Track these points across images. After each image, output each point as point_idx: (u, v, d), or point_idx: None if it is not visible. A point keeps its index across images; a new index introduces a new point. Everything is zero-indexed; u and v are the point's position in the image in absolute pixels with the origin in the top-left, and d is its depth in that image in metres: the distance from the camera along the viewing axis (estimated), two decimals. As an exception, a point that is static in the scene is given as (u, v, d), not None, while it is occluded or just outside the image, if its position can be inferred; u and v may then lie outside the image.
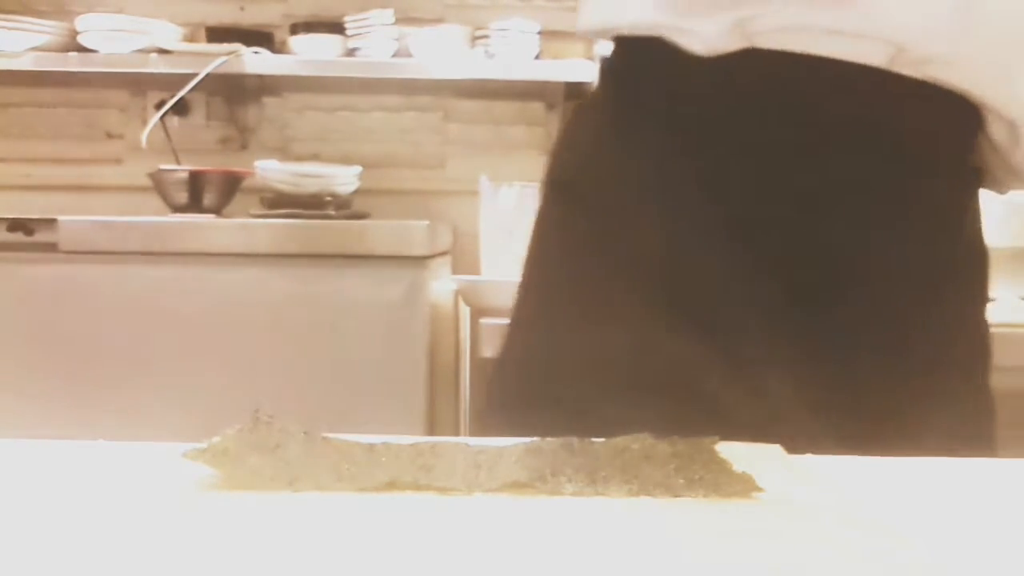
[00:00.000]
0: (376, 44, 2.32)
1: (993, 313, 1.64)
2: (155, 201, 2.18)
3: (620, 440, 0.49)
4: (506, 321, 0.74)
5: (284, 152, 2.50)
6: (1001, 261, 1.79)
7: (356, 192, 2.30)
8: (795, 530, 0.35)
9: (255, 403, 0.49)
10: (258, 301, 1.91)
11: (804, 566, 0.31)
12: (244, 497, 0.40)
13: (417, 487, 0.41)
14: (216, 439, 0.46)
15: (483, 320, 1.68)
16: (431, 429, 1.97)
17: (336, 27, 2.34)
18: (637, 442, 0.49)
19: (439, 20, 2.48)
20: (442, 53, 2.31)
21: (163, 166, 2.18)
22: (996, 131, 0.69)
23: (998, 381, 1.61)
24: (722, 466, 0.45)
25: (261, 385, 1.89)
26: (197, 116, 2.46)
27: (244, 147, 2.51)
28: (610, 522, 0.36)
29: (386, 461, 0.45)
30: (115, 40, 2.21)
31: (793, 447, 0.50)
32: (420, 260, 1.96)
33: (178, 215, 2.13)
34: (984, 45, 0.65)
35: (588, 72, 2.24)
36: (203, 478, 0.43)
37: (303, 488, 0.41)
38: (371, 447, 0.49)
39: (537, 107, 2.54)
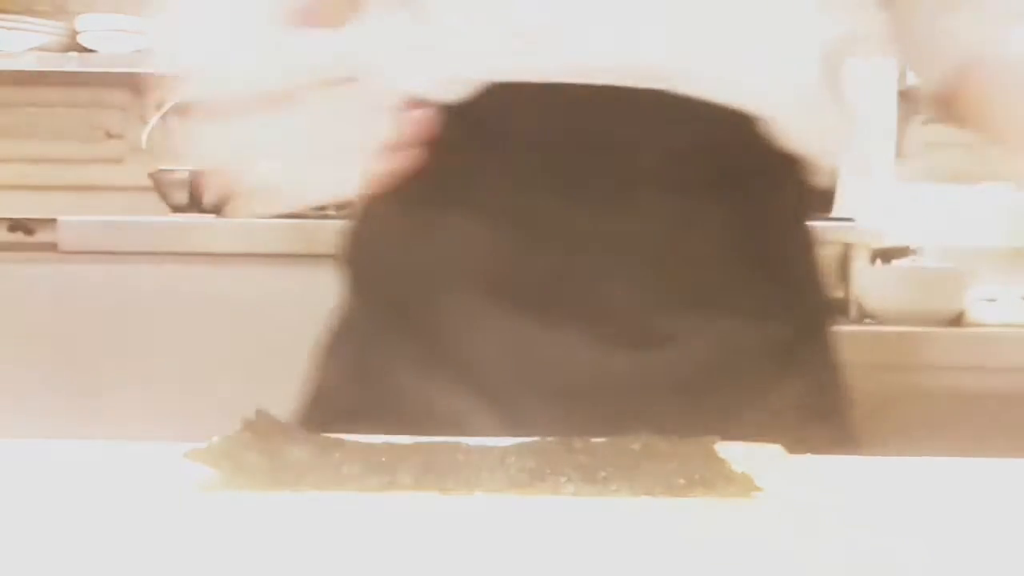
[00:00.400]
0: (376, 44, 2.32)
1: (993, 313, 1.64)
2: (155, 201, 2.18)
3: (620, 440, 0.49)
4: None
5: (284, 152, 2.50)
6: (1001, 261, 1.80)
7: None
8: (795, 530, 0.35)
9: (255, 403, 0.49)
10: (258, 301, 1.90)
11: (804, 566, 0.31)
12: (244, 497, 0.40)
13: (417, 487, 0.41)
14: (216, 439, 0.46)
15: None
16: (431, 429, 1.97)
17: (336, 27, 2.34)
18: (637, 442, 0.49)
19: (439, 20, 2.47)
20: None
21: (163, 166, 2.17)
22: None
23: (999, 381, 1.61)
24: (722, 466, 0.45)
25: (261, 385, 1.88)
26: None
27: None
28: (610, 522, 0.36)
29: (386, 461, 0.45)
30: (115, 40, 2.21)
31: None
32: (420, 260, 1.96)
33: (178, 215, 2.13)
34: (677, 46, 0.64)
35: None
36: (203, 478, 0.43)
37: (303, 488, 0.41)
38: (371, 447, 0.49)
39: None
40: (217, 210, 2.19)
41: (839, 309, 1.81)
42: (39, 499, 0.38)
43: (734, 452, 0.51)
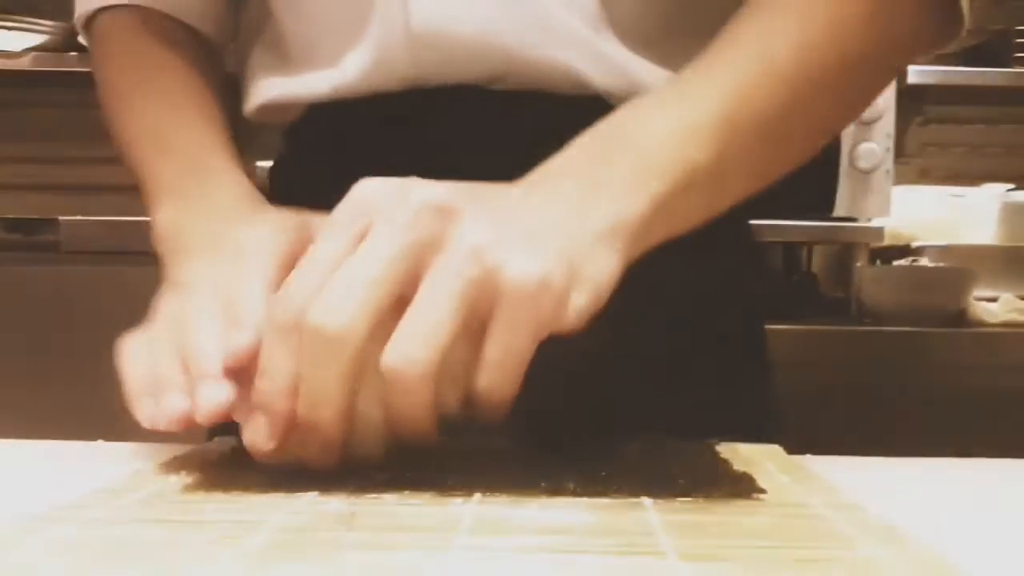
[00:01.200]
0: (376, 44, 2.32)
1: (993, 313, 1.63)
2: (155, 201, 2.17)
3: (621, 439, 0.49)
4: None
5: (284, 152, 2.50)
6: (1001, 261, 1.80)
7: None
8: (795, 530, 0.35)
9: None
10: (258, 301, 1.90)
11: (805, 566, 0.31)
12: (243, 498, 0.40)
13: (417, 486, 0.41)
14: (217, 440, 0.46)
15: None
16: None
17: (336, 27, 2.33)
18: (638, 442, 0.49)
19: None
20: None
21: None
22: None
23: (999, 380, 1.61)
24: (724, 466, 0.46)
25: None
26: (197, 116, 2.46)
27: (244, 147, 2.51)
28: (610, 521, 0.36)
29: (386, 461, 0.45)
30: (115, 40, 2.21)
31: None
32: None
33: (178, 215, 2.12)
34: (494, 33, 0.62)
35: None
36: (202, 478, 0.43)
37: (304, 488, 0.41)
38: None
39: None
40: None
41: (839, 309, 1.81)
42: (39, 499, 0.38)
43: (734, 452, 0.51)
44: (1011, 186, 1.87)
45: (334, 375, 0.40)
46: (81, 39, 0.75)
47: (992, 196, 1.83)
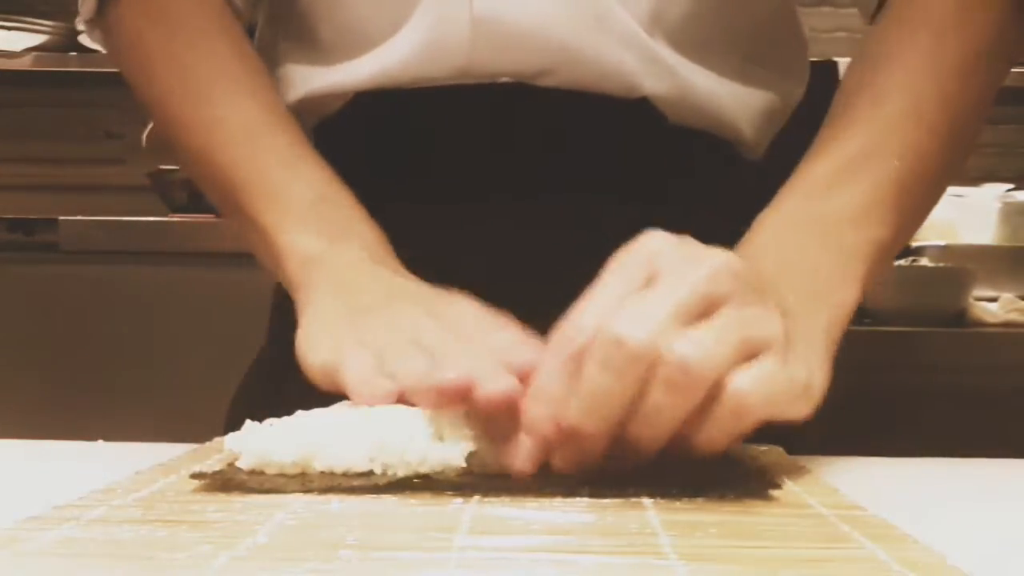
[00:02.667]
0: (376, 44, 2.31)
1: (993, 313, 1.63)
2: (155, 201, 2.18)
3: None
4: None
5: (284, 152, 2.49)
6: (1001, 261, 1.79)
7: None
8: (795, 530, 0.35)
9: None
10: (258, 301, 1.90)
11: (805, 566, 0.31)
12: (243, 498, 0.40)
13: (427, 489, 0.41)
14: (216, 440, 0.46)
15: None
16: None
17: (336, 27, 2.33)
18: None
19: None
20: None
21: (163, 166, 2.17)
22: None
23: (999, 381, 1.61)
24: (737, 466, 0.45)
25: (261, 385, 1.88)
26: (197, 116, 2.45)
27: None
28: (611, 521, 0.36)
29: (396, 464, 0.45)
30: (115, 40, 2.20)
31: None
32: (420, 260, 1.95)
33: (178, 215, 2.13)
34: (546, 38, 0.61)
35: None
36: (202, 478, 0.43)
37: (312, 490, 0.41)
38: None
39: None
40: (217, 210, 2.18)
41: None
42: (39, 499, 0.38)
43: (736, 452, 0.50)
44: (1011, 186, 1.87)
45: (622, 385, 0.40)
46: (80, 27, 0.70)
47: (992, 196, 1.82)
